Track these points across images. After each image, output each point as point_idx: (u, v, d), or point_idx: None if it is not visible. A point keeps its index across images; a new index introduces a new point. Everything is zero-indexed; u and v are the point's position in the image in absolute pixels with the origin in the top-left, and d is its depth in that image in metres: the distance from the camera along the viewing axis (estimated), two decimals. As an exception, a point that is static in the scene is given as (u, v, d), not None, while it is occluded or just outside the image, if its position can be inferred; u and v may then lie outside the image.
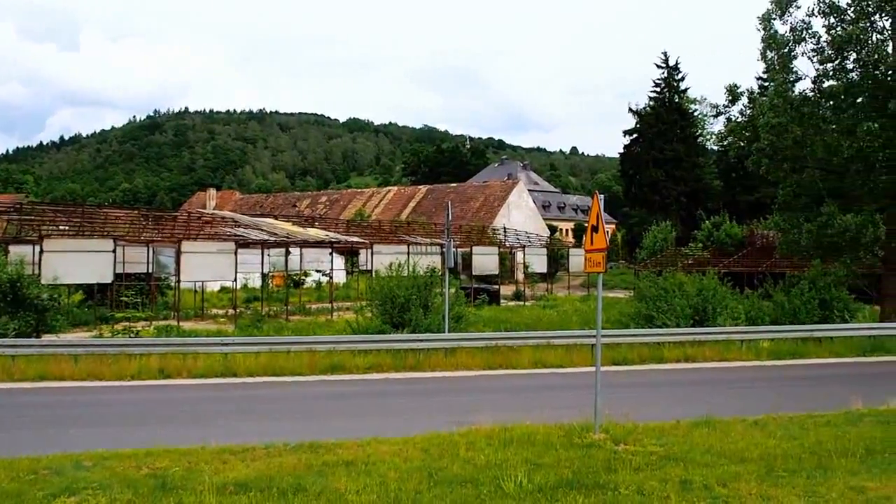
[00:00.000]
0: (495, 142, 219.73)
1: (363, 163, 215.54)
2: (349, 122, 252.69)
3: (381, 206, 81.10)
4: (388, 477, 8.18)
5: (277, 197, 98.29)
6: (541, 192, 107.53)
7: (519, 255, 54.61)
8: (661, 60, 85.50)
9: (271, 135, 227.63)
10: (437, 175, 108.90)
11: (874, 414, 11.83)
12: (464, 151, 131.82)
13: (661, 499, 7.40)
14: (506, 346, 20.49)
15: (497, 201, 73.49)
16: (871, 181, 27.99)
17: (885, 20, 27.26)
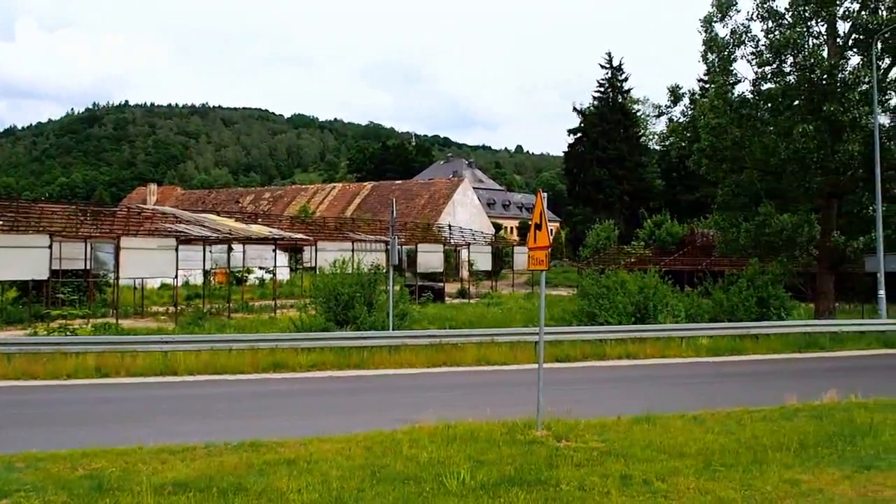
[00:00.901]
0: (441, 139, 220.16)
1: (308, 159, 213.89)
2: (294, 118, 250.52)
3: (326, 203, 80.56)
4: (330, 475, 8.13)
5: (220, 193, 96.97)
6: (486, 190, 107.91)
7: (464, 253, 54.72)
8: (606, 61, 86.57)
9: (214, 130, 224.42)
10: (382, 172, 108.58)
11: (808, 409, 12.12)
12: (409, 149, 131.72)
13: (602, 494, 7.48)
14: (450, 343, 20.52)
15: (442, 199, 73.57)
16: (807, 182, 28.71)
17: (821, 25, 27.98)
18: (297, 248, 48.23)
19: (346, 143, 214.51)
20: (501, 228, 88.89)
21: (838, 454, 9.08)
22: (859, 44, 27.68)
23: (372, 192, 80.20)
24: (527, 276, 57.87)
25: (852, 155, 26.73)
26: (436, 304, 38.27)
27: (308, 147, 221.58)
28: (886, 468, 8.47)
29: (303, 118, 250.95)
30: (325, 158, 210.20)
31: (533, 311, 31.12)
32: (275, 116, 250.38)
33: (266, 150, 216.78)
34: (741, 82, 30.06)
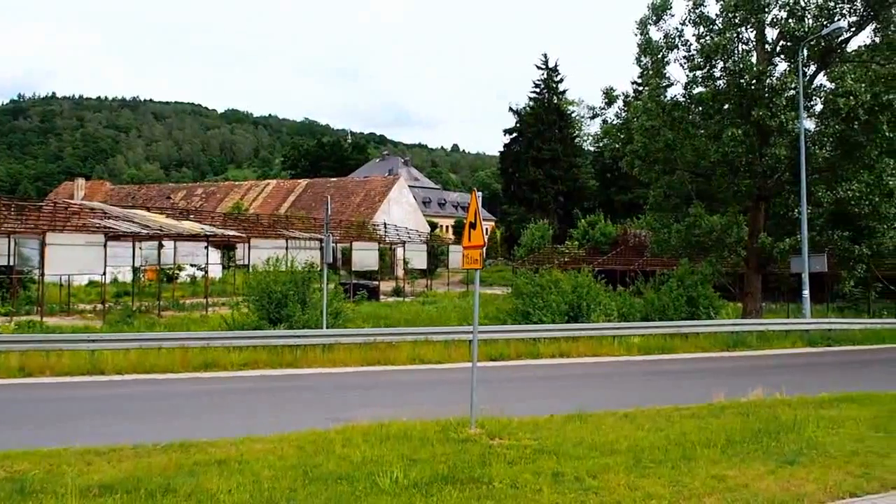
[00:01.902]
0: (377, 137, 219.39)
1: (242, 155, 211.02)
2: (227, 113, 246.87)
3: (260, 200, 79.60)
4: (261, 475, 8.01)
5: (151, 188, 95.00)
6: (422, 189, 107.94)
7: (399, 251, 54.68)
8: (542, 62, 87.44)
9: (145, 124, 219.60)
10: (317, 169, 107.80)
11: (735, 406, 12.38)
12: (345, 146, 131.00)
13: (534, 491, 7.52)
14: (384, 342, 20.43)
15: (378, 197, 73.36)
16: (736, 184, 29.42)
17: (751, 32, 28.67)
18: (230, 246, 47.60)
19: (280, 140, 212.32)
20: (437, 227, 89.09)
21: (763, 450, 9.29)
22: (786, 51, 28.44)
23: (307, 189, 79.54)
24: (462, 275, 58.08)
25: (779, 159, 27.45)
26: (370, 303, 38.13)
27: (242, 143, 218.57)
28: (808, 463, 8.70)
29: (237, 113, 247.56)
30: (259, 155, 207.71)
31: (468, 310, 31.23)
32: (208, 111, 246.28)
33: (199, 145, 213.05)
34: (674, 85, 30.73)
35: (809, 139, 28.21)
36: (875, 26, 28.31)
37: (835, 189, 27.37)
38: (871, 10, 27.54)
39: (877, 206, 26.98)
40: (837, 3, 27.57)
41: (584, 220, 68.03)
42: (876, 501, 7.54)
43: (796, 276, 28.64)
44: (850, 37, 28.63)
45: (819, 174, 28.92)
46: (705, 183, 31.19)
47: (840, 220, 29.14)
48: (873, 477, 8.20)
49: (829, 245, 29.10)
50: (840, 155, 28.20)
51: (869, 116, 25.94)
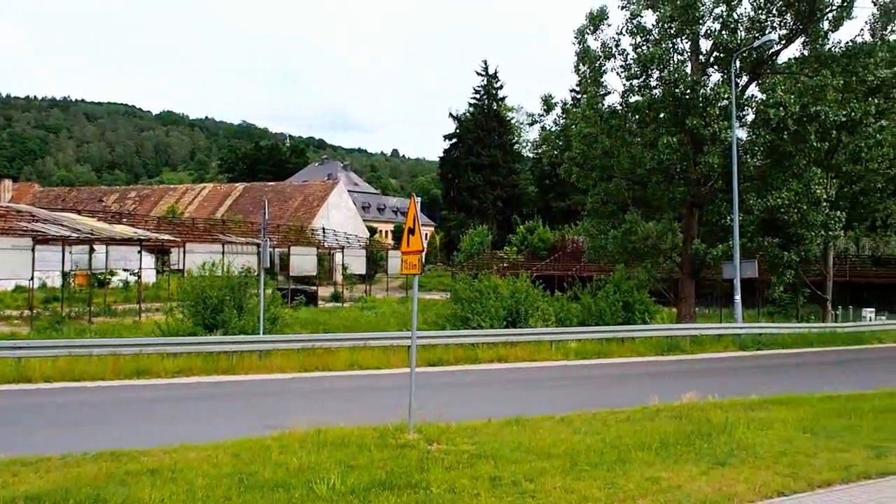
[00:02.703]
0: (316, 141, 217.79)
1: (177, 158, 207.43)
2: (163, 115, 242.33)
3: (196, 204, 78.40)
4: (195, 484, 7.87)
5: (82, 191, 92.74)
6: (361, 194, 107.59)
7: (338, 257, 54.38)
8: (482, 68, 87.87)
9: (76, 124, 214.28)
10: (255, 173, 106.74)
11: (669, 409, 12.59)
12: (283, 150, 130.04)
13: (472, 496, 7.54)
14: (322, 347, 20.28)
15: (316, 201, 72.87)
16: (671, 192, 29.97)
17: (685, 42, 29.26)
18: (165, 250, 46.72)
19: (217, 143, 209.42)
20: (376, 232, 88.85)
21: (696, 452, 9.46)
22: (720, 61, 29.09)
23: (244, 193, 78.63)
24: (401, 280, 58.01)
25: (712, 167, 28.04)
26: (309, 308, 37.82)
27: (177, 145, 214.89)
28: (739, 464, 8.90)
29: (172, 115, 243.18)
30: (195, 158, 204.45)
31: (407, 315, 31.18)
32: (142, 112, 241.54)
33: (132, 147, 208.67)
34: (611, 94, 31.15)
35: (741, 148, 28.87)
36: (804, 39, 29.16)
37: (765, 197, 28.04)
38: (800, 24, 28.35)
39: (805, 213, 27.72)
40: (769, 17, 28.35)
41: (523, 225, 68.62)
42: (803, 500, 7.74)
43: (729, 282, 29.24)
44: (780, 49, 29.45)
45: (750, 182, 29.62)
46: (641, 190, 31.71)
47: (770, 228, 29.88)
48: (800, 476, 8.42)
49: (759, 251, 29.80)
50: (770, 164, 28.94)
51: (798, 127, 26.67)
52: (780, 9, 28.23)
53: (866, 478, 8.57)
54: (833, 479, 8.44)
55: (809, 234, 28.57)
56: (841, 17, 28.24)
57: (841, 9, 28.08)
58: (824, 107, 26.33)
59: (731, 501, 7.59)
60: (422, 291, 49.05)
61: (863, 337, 28.89)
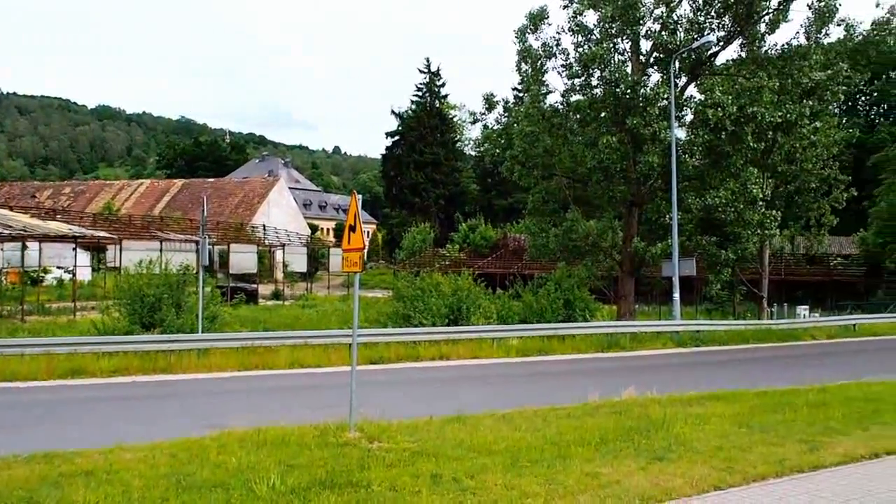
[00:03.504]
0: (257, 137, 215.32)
1: (114, 153, 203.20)
2: (98, 109, 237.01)
3: (133, 200, 76.89)
4: (132, 485, 7.69)
5: (14, 186, 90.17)
6: (302, 191, 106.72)
7: (278, 254, 53.89)
8: (424, 66, 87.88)
9: (8, 118, 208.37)
10: (194, 169, 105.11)
11: (609, 405, 12.71)
12: (223, 146, 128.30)
13: (413, 493, 7.50)
14: (262, 346, 20.05)
15: (257, 198, 72.05)
16: (611, 190, 30.33)
17: (626, 43, 29.64)
18: (101, 248, 45.75)
19: (155, 138, 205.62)
20: (317, 230, 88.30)
21: (635, 447, 9.56)
22: (659, 62, 29.54)
23: (182, 189, 77.38)
24: (343, 278, 57.70)
25: (652, 166, 28.44)
26: (249, 306, 37.38)
27: (114, 140, 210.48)
28: (676, 459, 9.01)
29: (108, 110, 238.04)
30: (132, 153, 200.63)
31: (348, 313, 30.91)
32: (77, 106, 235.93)
33: (66, 142, 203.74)
34: (553, 93, 31.39)
35: (680, 148, 29.35)
36: (741, 41, 29.76)
37: (703, 196, 28.54)
38: (737, 27, 28.92)
39: (741, 213, 28.29)
40: (707, 19, 28.88)
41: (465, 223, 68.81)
42: (738, 494, 7.86)
43: (667, 280, 29.70)
44: (718, 51, 30.02)
45: (689, 182, 30.13)
46: (582, 188, 32.05)
47: (708, 226, 30.44)
48: (736, 470, 8.56)
49: (697, 250, 30.33)
50: (708, 164, 29.47)
51: (735, 127, 27.21)
52: (718, 11, 28.76)
53: (799, 471, 8.75)
54: (767, 472, 8.60)
55: (746, 232, 29.16)
56: (777, 20, 28.87)
57: (777, 12, 28.70)
58: (761, 108, 26.91)
59: (669, 496, 7.67)
60: (364, 289, 48.91)
61: (797, 334, 29.57)
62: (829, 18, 29.41)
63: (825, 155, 34.29)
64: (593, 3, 28.86)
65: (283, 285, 49.80)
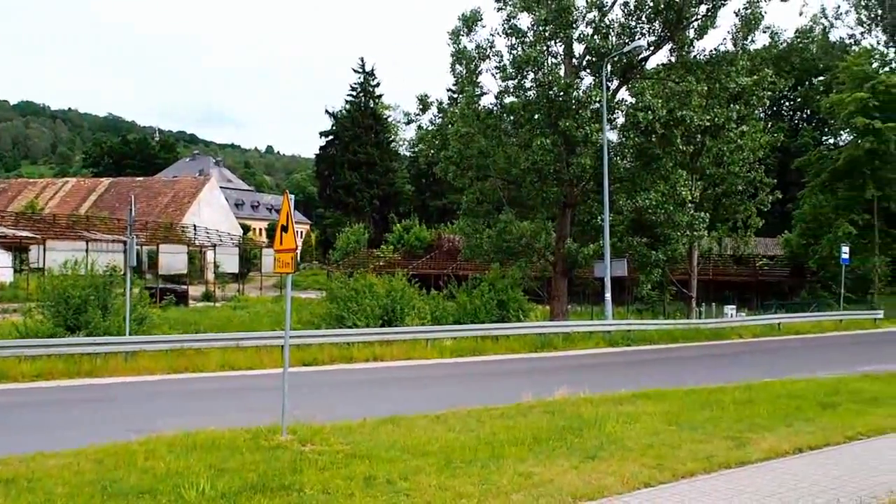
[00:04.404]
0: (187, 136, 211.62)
1: (37, 151, 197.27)
2: (21, 105, 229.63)
3: (57, 199, 74.79)
4: (55, 493, 7.46)
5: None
6: (234, 190, 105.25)
7: (209, 255, 53.09)
8: (359, 65, 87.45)
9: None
10: (122, 168, 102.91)
11: (542, 405, 12.79)
12: (152, 144, 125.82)
13: (346, 496, 7.44)
14: (192, 348, 19.68)
15: (187, 198, 70.77)
16: (544, 192, 30.60)
17: (559, 46, 29.93)
18: (23, 248, 44.38)
19: (81, 136, 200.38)
20: (250, 230, 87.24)
21: (567, 446, 9.64)
22: (592, 65, 29.91)
23: (110, 188, 75.58)
24: (275, 279, 57.09)
25: (584, 168, 28.78)
26: (178, 308, 36.69)
27: (38, 137, 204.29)
28: (608, 457, 9.12)
29: (32, 106, 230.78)
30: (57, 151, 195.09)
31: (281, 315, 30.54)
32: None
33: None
34: (487, 94, 31.55)
35: (612, 150, 29.77)
36: (671, 46, 30.33)
37: (634, 198, 29.00)
38: (668, 32, 29.46)
39: (671, 214, 28.82)
40: (638, 24, 29.36)
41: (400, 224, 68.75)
42: (667, 490, 7.99)
43: (599, 280, 30.06)
44: (649, 55, 30.55)
45: (620, 183, 30.57)
46: (516, 190, 32.26)
47: (639, 228, 30.96)
48: (666, 467, 8.69)
49: (629, 251, 30.79)
50: (639, 166, 29.96)
51: (665, 130, 27.72)
52: (649, 16, 29.24)
53: (726, 467, 8.93)
54: (696, 469, 8.75)
55: (675, 233, 29.72)
56: (705, 27, 29.49)
57: (705, 18, 29.34)
58: (689, 111, 27.47)
59: (601, 493, 7.75)
60: (297, 290, 48.46)
61: (724, 333, 30.22)
62: (755, 26, 30.23)
63: (751, 158, 35.22)
64: (527, 5, 29.06)
65: (214, 286, 49.03)
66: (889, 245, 43.22)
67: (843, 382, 15.91)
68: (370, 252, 65.55)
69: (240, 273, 52.74)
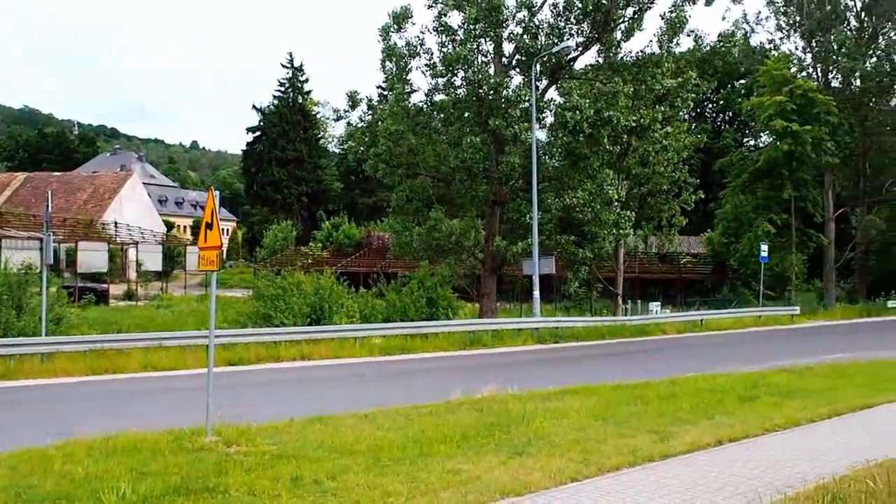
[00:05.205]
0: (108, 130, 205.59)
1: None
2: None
3: (-31, 195, 72.13)
4: (-37, 501, 7.16)
5: None
6: (158, 187, 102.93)
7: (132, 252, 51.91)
8: (287, 61, 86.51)
9: None
10: (38, 162, 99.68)
11: (470, 402, 12.80)
12: (71, 138, 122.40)
13: (273, 497, 7.31)
14: (113, 349, 19.19)
15: (108, 194, 68.93)
16: (474, 190, 30.72)
17: (489, 45, 30.05)
18: (-69, 245, 42.65)
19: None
20: (174, 227, 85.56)
21: (496, 443, 9.66)
22: (521, 65, 30.11)
23: (25, 183, 73.11)
24: (200, 278, 56.02)
25: (513, 167, 28.97)
26: (99, 308, 35.77)
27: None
28: (536, 452, 9.16)
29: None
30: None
31: (205, 314, 30.02)
32: None
33: None
34: (417, 92, 31.49)
35: (541, 149, 30.05)
36: (599, 48, 30.78)
37: (562, 197, 29.31)
38: (596, 33, 29.85)
39: (598, 213, 29.23)
40: (567, 24, 29.70)
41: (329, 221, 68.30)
42: (593, 484, 8.06)
43: (528, 278, 30.30)
44: (577, 56, 30.89)
45: (549, 182, 30.88)
46: (446, 188, 32.31)
47: (567, 226, 31.29)
48: (592, 462, 8.77)
49: (557, 248, 31.11)
50: (567, 165, 30.31)
51: (592, 130, 28.07)
52: (577, 17, 29.57)
53: (650, 460, 9.04)
54: (621, 463, 8.84)
55: (602, 232, 30.15)
56: (632, 29, 29.98)
57: (632, 20, 29.83)
58: (616, 112, 27.87)
59: (528, 489, 7.77)
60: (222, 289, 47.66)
61: (649, 329, 30.73)
62: (680, 29, 30.84)
63: (676, 158, 35.93)
64: (457, 4, 29.08)
65: (136, 285, 48.02)
66: (805, 243, 44.59)
67: (762, 377, 16.32)
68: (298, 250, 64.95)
69: (163, 271, 51.81)
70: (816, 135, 40.32)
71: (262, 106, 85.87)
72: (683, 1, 30.53)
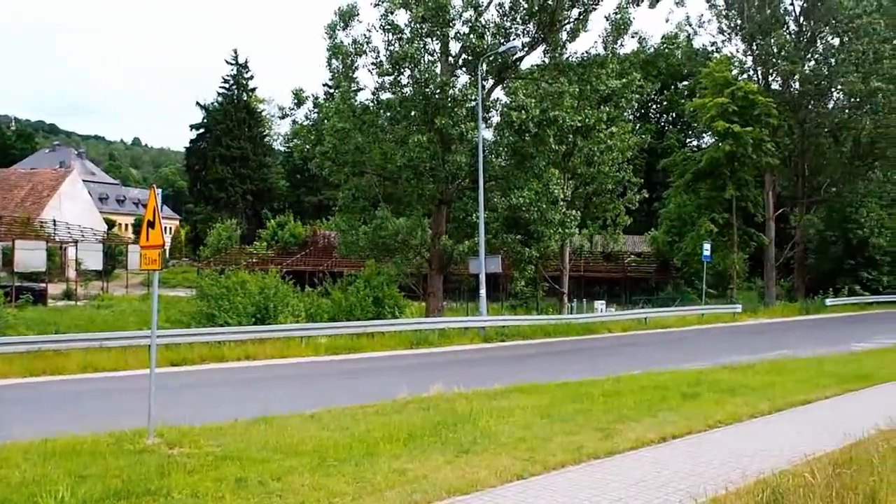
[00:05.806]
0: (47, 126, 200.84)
1: None
2: None
3: None
4: None
5: None
6: (98, 184, 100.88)
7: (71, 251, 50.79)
8: (232, 57, 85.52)
9: None
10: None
11: (417, 401, 12.80)
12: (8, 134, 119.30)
13: (216, 499, 7.22)
14: (51, 350, 18.72)
15: (46, 191, 67.32)
16: (420, 188, 30.71)
17: (436, 44, 30.05)
18: None
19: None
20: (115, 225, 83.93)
21: (442, 442, 9.66)
22: (468, 64, 30.19)
23: (-40, 180, 71.11)
24: (142, 277, 55.01)
25: (460, 166, 29.04)
26: (36, 308, 34.93)
27: None
28: (482, 451, 9.19)
29: None
30: None
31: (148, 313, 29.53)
32: None
33: None
34: (363, 90, 31.37)
35: (487, 149, 30.12)
36: (545, 48, 30.95)
37: (508, 196, 29.46)
38: (541, 34, 30.05)
39: (544, 212, 29.45)
40: (513, 24, 29.85)
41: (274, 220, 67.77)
42: (539, 482, 8.12)
43: (474, 277, 30.38)
44: (523, 56, 31.09)
45: (495, 181, 31.00)
46: (392, 186, 32.23)
47: (513, 225, 31.47)
48: (537, 460, 8.83)
49: (503, 247, 31.26)
50: (513, 164, 30.45)
51: (538, 130, 28.23)
52: (523, 18, 29.74)
53: (595, 458, 9.14)
54: (566, 460, 8.92)
55: (548, 231, 30.37)
56: (577, 30, 30.25)
57: (577, 21, 30.10)
58: (562, 112, 28.07)
59: (474, 487, 7.79)
60: (165, 288, 46.94)
61: (594, 327, 31.03)
62: (625, 31, 31.19)
63: (620, 158, 36.41)
64: (405, 2, 29.02)
65: (75, 284, 47.01)
66: (746, 242, 45.51)
67: (704, 374, 16.61)
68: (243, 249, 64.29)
69: (104, 270, 50.78)
70: (757, 136, 41.10)
71: (206, 103, 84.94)
72: (628, 3, 30.88)
